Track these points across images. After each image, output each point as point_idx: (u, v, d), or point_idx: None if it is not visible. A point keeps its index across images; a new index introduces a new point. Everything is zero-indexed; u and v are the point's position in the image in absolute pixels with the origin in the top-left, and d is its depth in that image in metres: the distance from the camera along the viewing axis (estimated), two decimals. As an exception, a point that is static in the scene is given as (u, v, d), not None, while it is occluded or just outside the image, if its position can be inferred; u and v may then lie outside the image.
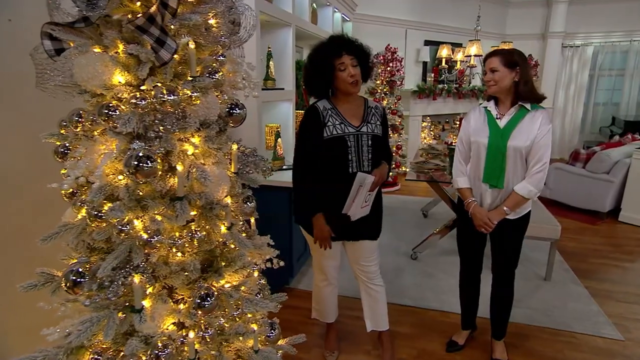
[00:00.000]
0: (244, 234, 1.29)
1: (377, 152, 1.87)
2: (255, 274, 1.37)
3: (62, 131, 1.15)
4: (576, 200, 4.71)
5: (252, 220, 1.53)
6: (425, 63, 6.72)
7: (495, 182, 1.86)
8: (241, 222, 1.33)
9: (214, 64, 1.09)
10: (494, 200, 1.91)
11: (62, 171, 1.07)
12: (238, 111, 1.20)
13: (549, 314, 2.64)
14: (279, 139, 2.89)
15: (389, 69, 5.42)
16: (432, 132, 6.70)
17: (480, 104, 2.01)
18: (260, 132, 2.60)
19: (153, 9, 0.91)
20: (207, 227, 1.12)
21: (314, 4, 3.84)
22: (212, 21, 1.11)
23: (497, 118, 1.88)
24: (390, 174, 5.57)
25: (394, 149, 5.63)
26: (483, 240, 2.06)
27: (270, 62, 2.88)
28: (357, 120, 1.86)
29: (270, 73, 2.87)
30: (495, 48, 2.00)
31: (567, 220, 4.48)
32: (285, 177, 2.58)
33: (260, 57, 2.77)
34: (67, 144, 1.14)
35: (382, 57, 5.44)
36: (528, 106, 1.85)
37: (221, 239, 1.13)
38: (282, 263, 1.50)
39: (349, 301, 2.73)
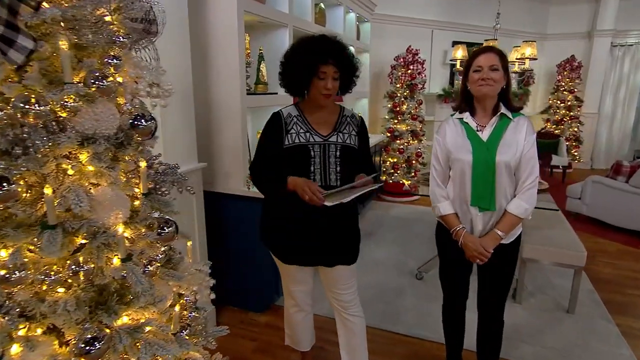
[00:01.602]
0: (157, 264, 1.12)
1: (347, 164, 1.65)
2: (177, 308, 1.19)
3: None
4: (617, 218, 4.19)
5: (189, 244, 1.37)
6: (452, 65, 6.33)
7: (487, 205, 1.58)
8: (162, 251, 1.17)
9: (104, 68, 0.93)
10: (485, 226, 1.63)
11: None
12: (144, 123, 1.03)
13: (566, 355, 2.28)
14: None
15: (409, 71, 5.11)
16: (459, 139, 6.29)
17: (452, 115, 1.74)
18: (243, 140, 2.44)
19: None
20: (99, 258, 0.95)
21: (322, 4, 3.65)
22: (108, 18, 0.95)
23: (477, 130, 1.61)
24: (408, 182, 5.27)
25: (414, 155, 5.31)
26: (469, 266, 1.78)
27: (262, 65, 2.72)
28: (326, 129, 1.66)
29: (261, 77, 2.71)
30: (487, 45, 1.70)
31: (605, 241, 3.99)
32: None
33: (249, 60, 2.62)
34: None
35: (402, 60, 5.15)
36: (510, 114, 1.58)
37: (110, 274, 0.96)
38: (213, 296, 1.31)
39: (333, 324, 2.50)
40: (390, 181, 5.33)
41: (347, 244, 1.75)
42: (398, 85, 5.23)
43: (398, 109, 5.26)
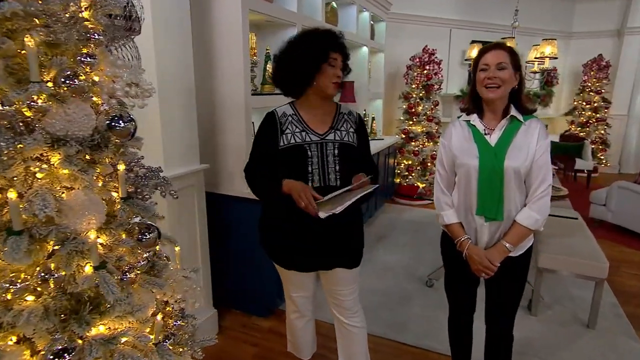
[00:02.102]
0: (137, 271, 1.08)
1: (347, 162, 1.58)
2: (159, 316, 1.15)
3: None
4: (644, 226, 3.96)
5: (177, 249, 1.32)
6: (470, 65, 6.15)
7: (494, 214, 1.47)
8: (144, 257, 1.12)
9: (77, 67, 0.89)
10: (492, 237, 1.53)
11: None
12: (122, 124, 0.98)
13: (584, 374, 2.14)
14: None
15: (425, 72, 4.98)
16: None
17: (459, 117, 1.63)
18: (247, 141, 2.39)
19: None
20: (69, 265, 0.91)
21: (334, 3, 3.58)
22: (84, 14, 0.91)
23: (485, 134, 1.51)
24: (423, 185, 5.13)
25: (429, 158, 5.17)
26: (476, 280, 1.67)
27: (269, 65, 2.67)
28: (323, 128, 1.59)
29: (267, 77, 2.66)
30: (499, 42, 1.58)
31: (631, 250, 3.77)
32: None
33: (256, 60, 2.57)
34: None
35: (418, 59, 5.02)
36: (520, 117, 1.47)
37: (81, 281, 0.91)
38: (197, 305, 1.26)
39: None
40: (405, 184, 5.21)
41: (347, 245, 1.66)
42: (413, 86, 5.11)
43: (413, 110, 5.13)
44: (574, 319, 2.63)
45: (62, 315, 0.94)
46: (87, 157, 0.95)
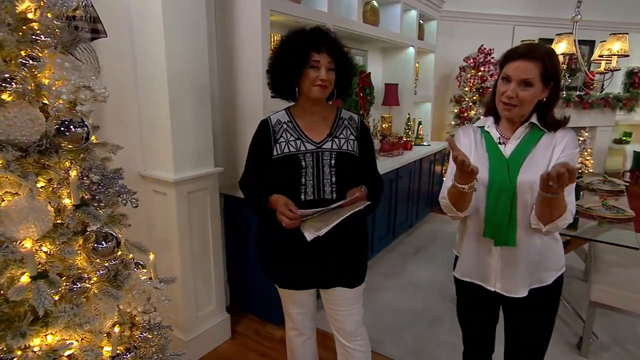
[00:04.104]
0: (94, 279, 1.04)
1: (345, 173, 1.44)
2: (117, 328, 1.10)
3: None
4: None
5: (152, 257, 1.28)
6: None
7: (503, 238, 1.24)
8: (105, 266, 1.09)
9: (17, 70, 0.86)
10: (504, 269, 1.29)
11: None
12: (73, 130, 0.95)
13: None
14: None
15: (479, 74, 4.60)
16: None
17: (474, 122, 1.40)
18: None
19: None
20: (3, 274, 0.89)
21: (374, 2, 3.41)
22: (31, 15, 0.89)
23: (499, 143, 1.27)
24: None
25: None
26: (495, 315, 1.43)
27: (294, 67, 2.58)
28: (319, 135, 1.47)
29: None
30: (528, 42, 1.33)
31: None
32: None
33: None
34: None
35: (472, 60, 4.65)
36: (541, 125, 1.24)
37: (12, 292, 0.88)
38: (158, 319, 1.20)
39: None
40: (452, 193, 4.85)
41: (347, 261, 1.52)
42: (466, 89, 4.75)
43: (465, 114, 4.78)
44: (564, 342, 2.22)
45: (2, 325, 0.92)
46: (34, 162, 0.93)
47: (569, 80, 4.94)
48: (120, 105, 1.96)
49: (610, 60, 2.52)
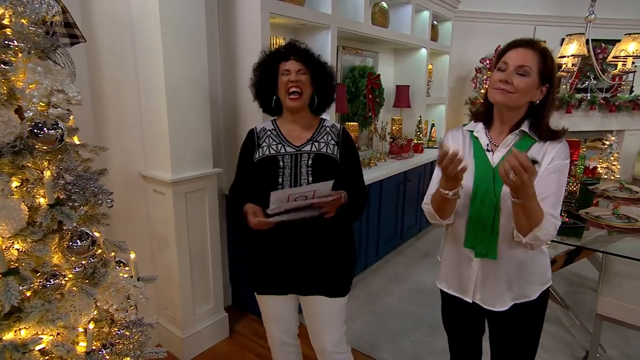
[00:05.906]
0: (69, 276, 1.08)
1: (322, 174, 1.44)
2: (92, 325, 1.13)
3: None
4: None
5: (133, 255, 1.31)
6: (559, 66, 5.38)
7: (484, 249, 1.20)
8: (82, 263, 1.12)
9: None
10: (484, 282, 1.24)
11: None
12: (46, 132, 0.98)
13: None
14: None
15: (496, 74, 4.48)
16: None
17: (465, 125, 1.35)
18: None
19: None
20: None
21: (383, 3, 3.38)
22: (5, 21, 0.92)
23: (487, 150, 1.23)
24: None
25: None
26: (480, 326, 1.38)
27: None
28: (301, 141, 1.50)
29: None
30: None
31: None
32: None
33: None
34: None
35: (488, 61, 4.54)
36: (533, 134, 1.18)
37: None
38: (133, 316, 1.22)
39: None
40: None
41: (329, 268, 1.48)
42: (482, 91, 4.62)
43: (481, 117, 4.65)
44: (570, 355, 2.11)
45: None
46: (9, 163, 0.97)
47: (594, 82, 4.75)
48: (122, 106, 2.02)
49: (626, 61, 2.40)
